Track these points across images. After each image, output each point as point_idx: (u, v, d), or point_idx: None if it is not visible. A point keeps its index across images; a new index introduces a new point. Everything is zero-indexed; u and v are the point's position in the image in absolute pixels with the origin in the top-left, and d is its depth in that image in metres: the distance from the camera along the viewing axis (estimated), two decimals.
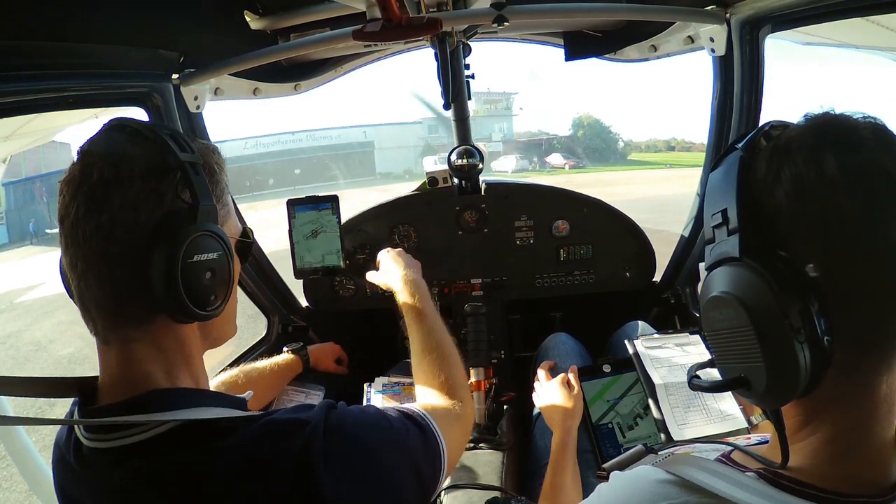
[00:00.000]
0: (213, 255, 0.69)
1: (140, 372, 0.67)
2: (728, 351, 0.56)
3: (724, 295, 0.54)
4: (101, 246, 0.64)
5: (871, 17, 1.32)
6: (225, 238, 0.71)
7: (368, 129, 33.89)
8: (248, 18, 1.44)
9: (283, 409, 0.73)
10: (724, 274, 0.55)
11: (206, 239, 0.68)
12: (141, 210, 0.65)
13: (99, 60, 1.25)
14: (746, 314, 0.52)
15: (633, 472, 0.62)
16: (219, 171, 0.76)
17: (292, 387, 1.59)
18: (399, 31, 1.07)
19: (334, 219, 1.49)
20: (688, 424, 1.25)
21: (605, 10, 1.53)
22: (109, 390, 0.68)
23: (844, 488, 0.52)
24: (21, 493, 3.40)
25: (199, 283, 0.67)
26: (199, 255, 0.67)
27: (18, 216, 18.24)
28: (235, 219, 0.81)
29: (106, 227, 0.64)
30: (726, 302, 0.54)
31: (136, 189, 0.65)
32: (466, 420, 0.98)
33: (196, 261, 0.67)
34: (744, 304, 0.52)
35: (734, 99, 1.53)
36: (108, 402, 0.68)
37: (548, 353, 1.65)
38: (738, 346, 0.54)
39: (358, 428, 0.73)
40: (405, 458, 0.76)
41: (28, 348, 6.39)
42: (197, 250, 0.67)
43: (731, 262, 0.54)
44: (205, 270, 0.68)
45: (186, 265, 0.65)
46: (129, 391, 0.67)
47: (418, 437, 0.80)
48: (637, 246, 1.98)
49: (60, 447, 0.72)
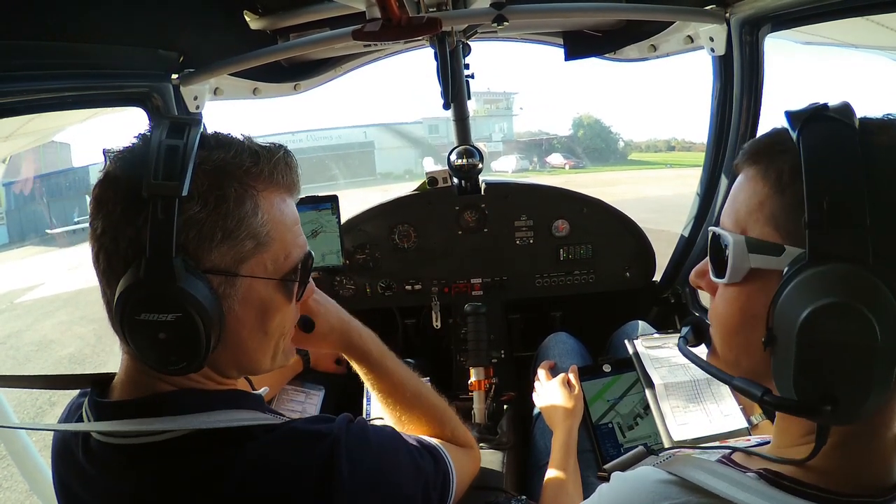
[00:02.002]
0: (167, 316, 0.57)
1: (147, 380, 0.66)
2: (826, 367, 0.48)
3: (855, 306, 0.45)
4: (94, 261, 0.62)
5: (871, 16, 1.31)
6: (193, 296, 0.57)
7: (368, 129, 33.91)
8: (247, 18, 1.43)
9: (302, 418, 0.71)
10: (852, 279, 0.46)
11: (153, 298, 0.57)
12: (120, 240, 0.59)
13: (99, 60, 1.26)
14: (879, 334, 0.45)
15: (634, 473, 0.62)
16: (235, 199, 0.61)
17: (292, 386, 1.59)
18: (399, 30, 1.07)
19: (334, 219, 1.49)
20: (688, 424, 1.25)
21: (604, 9, 1.52)
22: (123, 386, 0.68)
23: (845, 488, 0.52)
24: (21, 493, 3.40)
25: (150, 341, 0.59)
26: (146, 314, 0.57)
27: (19, 216, 18.27)
28: (278, 251, 0.66)
29: (95, 248, 0.61)
30: (855, 315, 0.45)
31: (116, 215, 0.59)
32: (475, 458, 1.00)
33: (144, 319, 0.57)
34: (878, 323, 0.45)
35: (734, 98, 1.53)
36: (120, 397, 0.67)
37: (548, 353, 1.65)
38: (844, 364, 0.47)
39: (381, 449, 0.73)
40: (420, 484, 0.76)
41: (29, 348, 6.38)
42: (143, 308, 0.57)
43: (858, 264, 0.46)
44: (156, 331, 0.58)
45: (133, 321, 0.58)
46: (139, 391, 0.66)
47: (431, 465, 0.80)
48: (637, 246, 1.98)
49: (65, 440, 0.71)
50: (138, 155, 0.60)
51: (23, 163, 16.63)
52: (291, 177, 0.69)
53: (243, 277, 0.64)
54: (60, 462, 0.71)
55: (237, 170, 0.63)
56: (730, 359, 0.61)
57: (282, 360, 0.75)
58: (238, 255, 0.63)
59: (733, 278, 0.57)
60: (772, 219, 0.54)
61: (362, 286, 1.98)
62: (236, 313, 0.64)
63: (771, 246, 0.53)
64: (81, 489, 0.68)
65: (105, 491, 0.66)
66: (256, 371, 0.73)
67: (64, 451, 0.70)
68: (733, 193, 0.60)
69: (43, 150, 17.50)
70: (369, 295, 1.98)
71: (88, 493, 0.68)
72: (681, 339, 0.70)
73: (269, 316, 0.68)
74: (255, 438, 0.64)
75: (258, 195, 0.64)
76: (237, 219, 0.62)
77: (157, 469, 0.63)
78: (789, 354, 0.48)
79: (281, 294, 0.68)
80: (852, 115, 0.51)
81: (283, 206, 0.68)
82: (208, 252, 0.61)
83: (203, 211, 0.60)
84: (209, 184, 0.60)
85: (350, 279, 1.99)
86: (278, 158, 0.67)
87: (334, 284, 1.99)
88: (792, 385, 0.49)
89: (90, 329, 6.53)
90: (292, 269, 0.69)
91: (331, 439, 0.66)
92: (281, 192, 0.68)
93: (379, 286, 1.98)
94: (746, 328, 0.56)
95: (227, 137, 0.65)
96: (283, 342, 0.74)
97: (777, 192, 0.53)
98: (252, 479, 0.62)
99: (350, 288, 1.99)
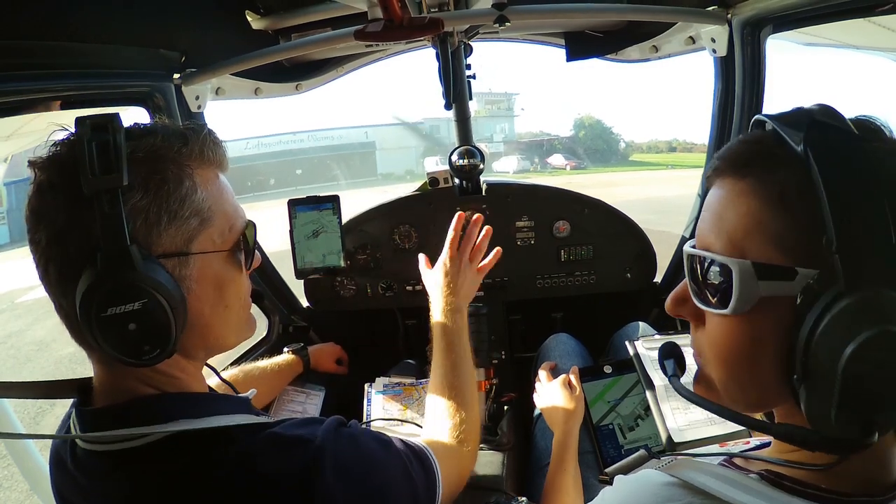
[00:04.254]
0: (133, 305, 0.58)
1: (122, 384, 0.66)
2: (870, 396, 0.45)
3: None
4: (42, 278, 0.62)
5: (872, 17, 1.31)
6: (154, 280, 0.59)
7: (369, 129, 33.95)
8: (249, 18, 1.43)
9: (288, 421, 0.70)
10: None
11: (117, 290, 0.58)
12: (70, 245, 0.59)
13: (100, 60, 1.26)
14: None
15: (637, 476, 0.62)
16: (173, 180, 0.63)
17: (293, 387, 1.59)
18: (400, 31, 1.07)
19: (335, 219, 1.49)
20: (688, 426, 1.25)
21: (606, 10, 1.52)
22: (102, 393, 0.68)
23: (846, 488, 0.52)
24: (21, 493, 3.40)
25: (120, 335, 0.59)
26: (112, 308, 0.58)
27: (19, 216, 18.29)
28: (222, 224, 0.69)
29: (42, 262, 0.61)
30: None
31: (61, 221, 0.59)
32: (468, 463, 0.98)
33: (111, 314, 0.58)
34: None
35: (735, 100, 1.53)
36: (102, 404, 0.67)
37: (549, 354, 1.65)
38: (890, 391, 0.45)
39: (370, 456, 0.73)
40: (407, 492, 0.76)
41: (29, 348, 6.38)
42: (109, 303, 0.58)
43: None
44: (125, 322, 0.59)
45: (100, 319, 0.58)
46: (119, 396, 0.66)
47: (420, 472, 0.80)
48: (638, 247, 1.98)
49: (58, 448, 0.71)
50: (68, 158, 0.61)
51: (23, 163, 16.63)
52: (220, 152, 0.71)
53: (195, 255, 0.65)
54: (56, 471, 0.72)
55: (169, 152, 0.64)
56: (737, 394, 0.56)
57: (246, 332, 0.77)
58: (186, 234, 0.64)
59: (740, 309, 0.51)
60: (776, 239, 0.50)
61: (363, 287, 1.98)
62: (195, 292, 0.66)
63: (782, 270, 0.49)
64: (74, 497, 0.69)
65: (94, 497, 0.66)
66: (223, 348, 0.75)
67: (58, 461, 0.71)
68: (716, 210, 0.54)
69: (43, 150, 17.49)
70: (370, 295, 1.98)
71: (81, 499, 0.68)
72: (672, 378, 0.66)
73: (226, 288, 0.70)
74: (237, 441, 0.64)
75: (194, 173, 0.66)
76: (179, 199, 0.63)
77: (140, 473, 0.63)
78: (829, 387, 0.45)
79: (232, 265, 0.71)
80: (846, 120, 0.49)
81: (218, 182, 0.70)
82: (158, 237, 0.62)
83: (145, 198, 0.61)
84: (146, 170, 0.61)
85: (351, 280, 1.99)
86: (204, 136, 0.69)
87: (335, 285, 1.99)
88: (833, 418, 0.46)
89: None
90: (237, 239, 0.71)
91: (314, 446, 0.66)
92: (213, 167, 0.70)
93: (380, 287, 1.98)
94: (754, 359, 0.52)
95: (149, 125, 0.67)
96: (243, 313, 0.76)
97: (781, 211, 0.49)
98: (234, 482, 0.62)
99: (351, 288, 1.99)
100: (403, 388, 1.49)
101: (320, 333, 2.02)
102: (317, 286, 1.99)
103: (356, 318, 2.10)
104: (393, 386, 1.49)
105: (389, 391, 1.48)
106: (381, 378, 1.52)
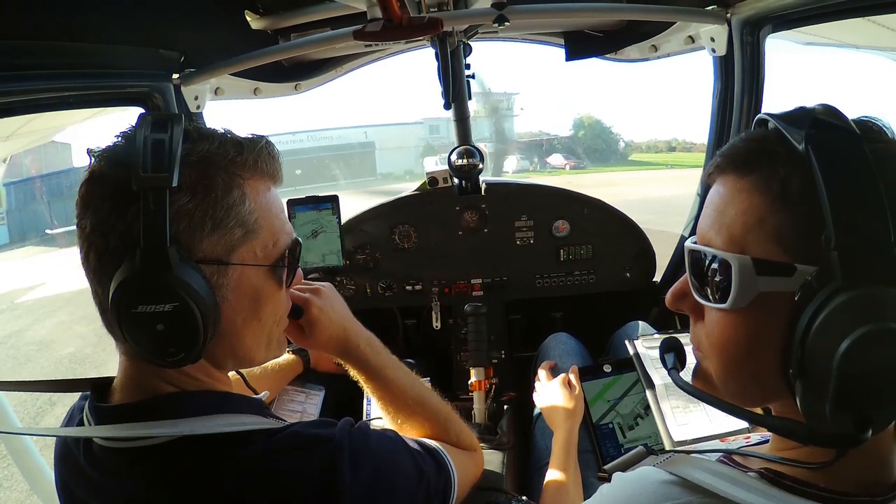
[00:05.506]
0: (164, 306, 0.58)
1: (144, 381, 0.67)
2: (866, 393, 0.46)
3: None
4: (83, 262, 0.62)
5: (871, 17, 1.31)
6: (188, 284, 0.59)
7: (369, 129, 33.93)
8: (248, 18, 1.43)
9: (304, 422, 0.70)
10: (891, 303, 0.44)
11: (150, 289, 0.58)
12: (111, 236, 0.59)
13: (99, 60, 1.26)
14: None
15: (635, 473, 0.62)
16: (223, 188, 0.63)
17: (292, 387, 1.59)
18: (400, 30, 1.07)
19: (334, 219, 1.49)
20: (688, 424, 1.25)
21: (605, 9, 1.52)
22: (123, 388, 0.68)
23: (846, 487, 0.52)
24: (21, 493, 3.40)
25: (148, 334, 0.59)
26: (143, 306, 0.58)
27: (19, 216, 18.27)
28: (266, 238, 0.68)
29: (84, 247, 0.62)
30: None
31: (105, 212, 0.60)
32: (478, 461, 1.00)
33: (141, 311, 0.58)
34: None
35: (734, 99, 1.53)
36: (120, 401, 0.67)
37: (548, 353, 1.65)
38: (885, 389, 0.46)
39: (383, 453, 0.73)
40: (422, 488, 0.76)
41: (29, 348, 6.38)
42: (140, 300, 0.58)
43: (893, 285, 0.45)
44: (154, 322, 0.59)
45: (130, 315, 0.58)
46: (140, 394, 0.66)
47: (433, 468, 0.80)
48: (637, 246, 1.98)
49: (67, 445, 0.71)
50: (123, 152, 0.61)
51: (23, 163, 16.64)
52: (274, 165, 0.70)
53: (235, 266, 0.65)
54: (63, 467, 0.71)
55: (223, 159, 0.64)
56: (735, 389, 0.57)
57: (276, 350, 0.76)
58: (228, 243, 0.64)
59: (738, 303, 0.52)
60: (776, 237, 0.50)
61: (363, 286, 1.98)
62: (230, 302, 0.65)
63: (781, 266, 0.49)
64: (84, 493, 0.69)
65: (108, 494, 0.66)
66: (252, 362, 0.73)
67: (66, 456, 0.71)
68: (718, 207, 0.55)
69: (43, 150, 17.48)
70: (370, 295, 1.98)
71: (92, 496, 0.68)
72: (672, 372, 0.67)
73: (262, 303, 0.69)
74: (256, 442, 0.64)
75: (244, 184, 0.65)
76: (225, 207, 0.63)
77: (158, 471, 0.63)
78: (824, 384, 0.46)
79: (271, 281, 0.70)
80: (848, 120, 0.49)
81: (269, 194, 0.69)
82: (199, 242, 0.62)
83: (192, 201, 0.60)
84: (196, 174, 0.61)
85: (350, 279, 1.99)
86: (261, 148, 0.68)
87: (334, 285, 1.99)
88: (828, 414, 0.46)
89: (91, 328, 6.51)
90: (281, 255, 0.70)
91: (332, 444, 0.66)
92: (265, 180, 0.69)
93: (379, 286, 1.98)
94: (753, 355, 0.53)
95: (209, 130, 0.67)
96: (276, 330, 0.75)
97: (782, 208, 0.50)
98: (252, 482, 0.62)
99: (350, 288, 1.99)
100: None
101: None
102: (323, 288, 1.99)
103: (356, 317, 2.10)
104: None
105: None
106: None
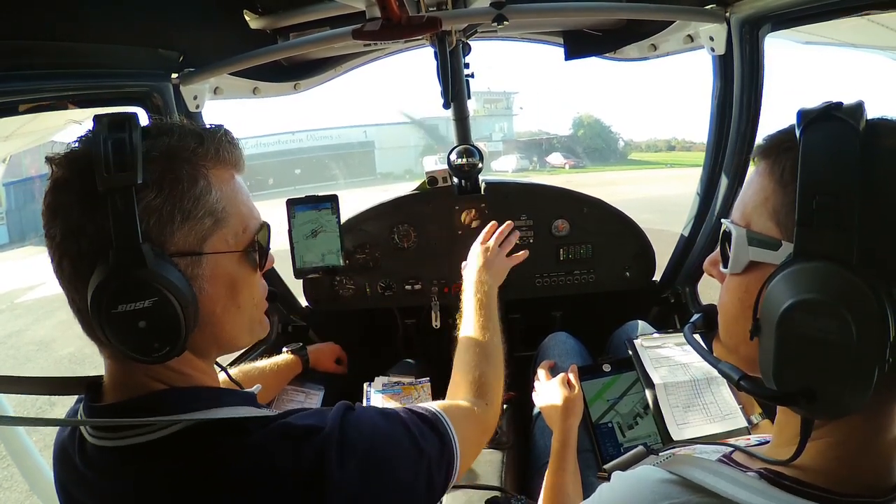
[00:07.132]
0: (144, 303, 0.59)
1: (132, 380, 0.67)
2: (803, 361, 0.49)
3: (833, 305, 0.47)
4: (56, 271, 0.62)
5: (871, 16, 1.31)
6: (165, 278, 0.59)
7: (369, 128, 33.92)
8: (247, 18, 1.43)
9: (298, 412, 0.70)
10: (833, 278, 0.47)
11: (128, 287, 0.59)
12: (82, 241, 0.59)
13: (99, 60, 1.25)
14: (855, 334, 0.46)
15: (634, 472, 0.62)
16: (188, 180, 0.63)
17: (292, 387, 1.60)
18: (399, 30, 1.07)
19: (334, 218, 1.49)
20: (687, 424, 1.25)
21: (604, 9, 1.52)
22: (113, 389, 0.68)
23: (846, 488, 0.52)
24: (21, 493, 3.40)
25: (131, 332, 0.60)
26: (123, 306, 0.58)
27: (19, 216, 18.27)
28: (237, 225, 0.69)
29: (56, 256, 0.61)
30: (832, 313, 0.47)
31: (74, 217, 0.59)
32: (487, 423, 0.97)
33: (121, 311, 0.58)
34: (855, 323, 0.46)
35: (734, 98, 1.53)
36: (113, 400, 0.67)
37: (548, 353, 1.65)
38: (820, 359, 0.48)
39: (375, 438, 0.72)
40: (421, 468, 0.75)
41: (29, 348, 6.38)
42: (119, 300, 0.58)
43: (841, 264, 0.47)
44: (135, 320, 0.59)
45: (111, 315, 0.59)
46: (130, 392, 0.66)
47: (434, 444, 0.78)
48: (637, 245, 1.98)
49: (63, 445, 0.71)
50: (84, 155, 0.61)
51: (23, 163, 16.64)
52: (235, 153, 0.71)
53: (208, 255, 0.66)
54: (61, 467, 0.71)
55: (185, 152, 0.64)
56: (730, 346, 0.63)
57: (259, 332, 0.76)
58: (199, 234, 0.65)
59: (734, 269, 0.59)
60: (773, 214, 0.55)
61: (362, 286, 1.98)
62: (207, 292, 0.66)
63: (769, 240, 0.55)
64: (81, 494, 0.68)
65: (103, 493, 0.66)
66: (236, 346, 0.74)
67: (63, 457, 0.71)
68: (744, 187, 0.62)
69: (43, 150, 17.44)
70: (369, 295, 1.98)
71: (88, 496, 0.68)
72: (689, 325, 0.71)
73: (238, 289, 0.70)
74: (250, 432, 0.64)
75: (209, 174, 0.66)
76: (193, 199, 0.63)
77: (152, 467, 0.63)
78: (771, 345, 0.51)
79: (246, 266, 0.71)
80: (861, 116, 0.50)
81: (233, 182, 0.70)
82: (171, 236, 0.62)
83: (159, 196, 0.61)
84: (161, 169, 0.62)
85: (350, 279, 1.99)
86: (220, 136, 0.68)
87: (334, 284, 1.99)
88: (772, 375, 0.52)
89: None
90: (251, 240, 0.71)
91: (321, 435, 0.66)
92: (229, 168, 0.70)
93: (379, 286, 1.98)
94: (743, 317, 0.58)
95: (167, 124, 0.67)
96: (256, 313, 0.75)
97: (780, 188, 0.55)
98: (245, 473, 0.62)
99: (350, 288, 1.99)
100: (402, 388, 1.49)
101: (319, 333, 2.02)
102: (316, 286, 1.99)
103: (355, 317, 2.10)
104: (392, 385, 1.50)
105: (388, 390, 1.48)
106: (381, 377, 1.53)
